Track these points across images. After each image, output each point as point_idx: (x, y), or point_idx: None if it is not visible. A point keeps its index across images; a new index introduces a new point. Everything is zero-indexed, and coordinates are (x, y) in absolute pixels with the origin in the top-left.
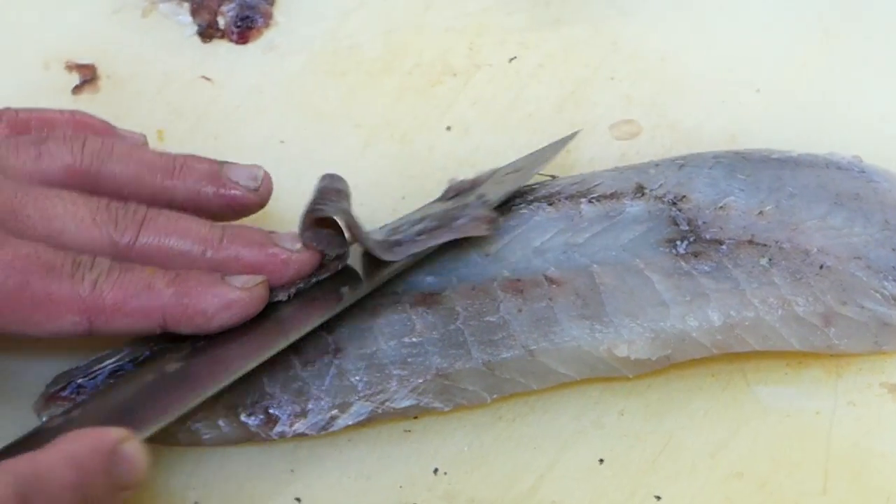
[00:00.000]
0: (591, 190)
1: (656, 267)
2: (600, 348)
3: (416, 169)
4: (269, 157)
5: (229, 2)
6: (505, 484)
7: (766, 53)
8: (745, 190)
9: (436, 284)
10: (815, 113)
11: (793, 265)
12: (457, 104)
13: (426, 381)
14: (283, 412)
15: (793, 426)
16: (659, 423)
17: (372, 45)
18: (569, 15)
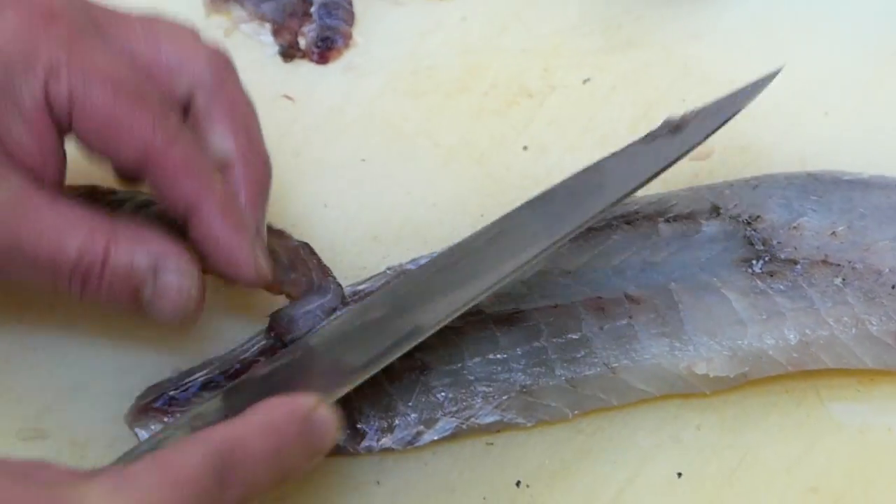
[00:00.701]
0: (668, 209)
1: (733, 286)
2: (680, 366)
3: (493, 187)
4: (350, 175)
5: (310, 23)
6: (585, 496)
7: (833, 77)
8: (817, 210)
9: (519, 302)
10: (882, 136)
11: (866, 285)
12: (533, 124)
13: (510, 397)
14: (371, 427)
15: (866, 442)
16: (735, 438)
17: (449, 66)
18: (641, 38)
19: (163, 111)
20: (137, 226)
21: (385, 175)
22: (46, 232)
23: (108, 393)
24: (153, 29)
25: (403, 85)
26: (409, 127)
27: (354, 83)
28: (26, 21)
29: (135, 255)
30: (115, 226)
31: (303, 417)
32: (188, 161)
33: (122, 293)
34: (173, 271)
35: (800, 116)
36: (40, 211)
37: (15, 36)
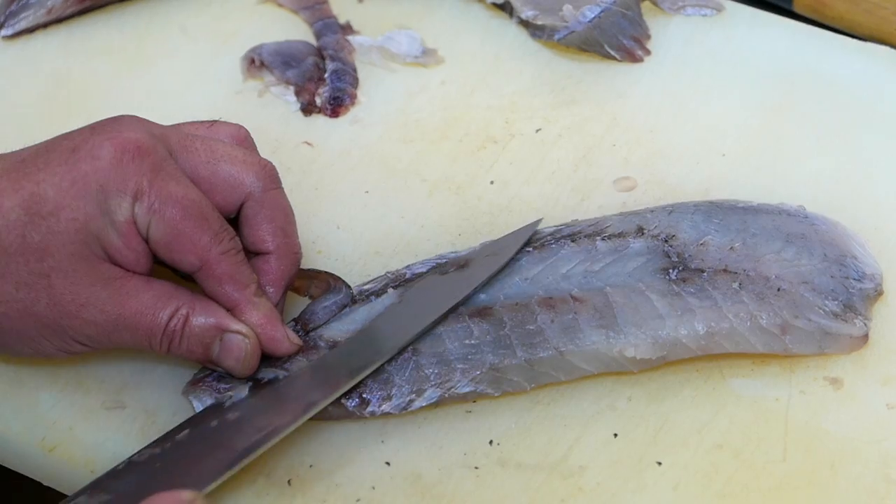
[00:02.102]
0: (604, 230)
1: (654, 289)
2: (613, 350)
3: (468, 213)
4: (356, 203)
5: (324, 86)
6: (544, 452)
7: (729, 127)
8: (719, 231)
9: (488, 300)
10: (767, 172)
11: (757, 288)
12: (497, 164)
13: (482, 373)
14: (374, 396)
15: (759, 409)
16: (658, 407)
17: (432, 119)
18: (580, 97)
19: (220, 230)
20: (213, 304)
21: (383, 203)
22: (144, 307)
23: (171, 373)
24: (215, 153)
25: (397, 133)
26: (401, 166)
27: (359, 132)
28: (119, 157)
29: (206, 322)
30: (194, 298)
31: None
32: (231, 273)
33: (197, 350)
34: (234, 333)
35: (703, 157)
36: (138, 293)
37: (113, 168)
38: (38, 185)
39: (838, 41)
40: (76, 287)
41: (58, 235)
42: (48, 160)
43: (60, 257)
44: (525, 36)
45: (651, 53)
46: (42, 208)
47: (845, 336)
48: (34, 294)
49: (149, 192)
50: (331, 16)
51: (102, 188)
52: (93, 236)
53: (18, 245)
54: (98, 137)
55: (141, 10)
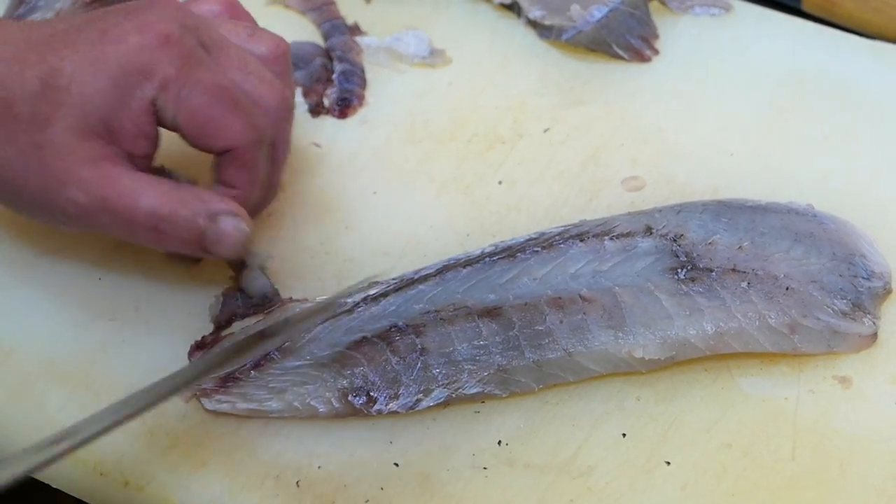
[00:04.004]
0: (612, 230)
1: (663, 289)
2: (622, 351)
3: (476, 213)
4: (365, 204)
5: (332, 87)
6: (552, 452)
7: (737, 126)
8: (727, 230)
9: (497, 300)
10: (776, 171)
11: (766, 287)
12: (505, 164)
13: (490, 374)
14: (381, 395)
15: (767, 409)
16: (666, 407)
17: (440, 120)
18: (588, 97)
19: (251, 119)
20: (197, 188)
21: (392, 204)
22: (125, 191)
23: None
24: (247, 65)
25: (405, 134)
26: (409, 166)
27: (367, 133)
28: (147, 43)
29: (195, 212)
30: (180, 189)
31: None
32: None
33: (189, 240)
34: (227, 216)
35: (712, 156)
36: (121, 178)
37: (136, 53)
38: (61, 61)
39: (847, 40)
40: (63, 163)
41: (61, 108)
42: (76, 38)
43: (58, 129)
44: (533, 36)
45: (659, 53)
46: (57, 81)
47: (854, 335)
48: (27, 164)
49: (175, 80)
50: (338, 17)
51: (122, 67)
52: (96, 109)
53: (28, 114)
54: (129, 23)
55: None
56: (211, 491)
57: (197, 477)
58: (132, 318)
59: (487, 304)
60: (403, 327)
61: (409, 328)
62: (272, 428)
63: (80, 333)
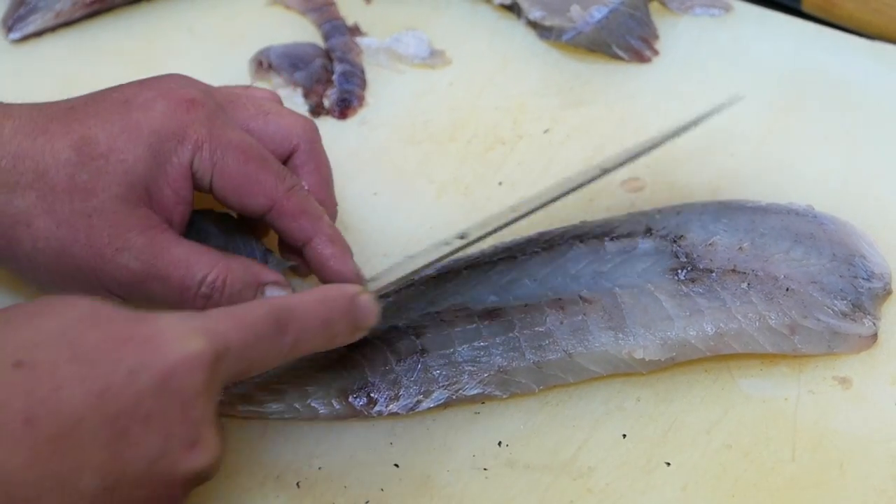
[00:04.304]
0: (612, 231)
1: (663, 290)
2: (622, 352)
3: (476, 215)
4: (365, 205)
5: (332, 87)
6: (552, 453)
7: (737, 127)
8: (727, 231)
9: (498, 301)
10: (776, 172)
11: (766, 288)
12: (505, 165)
13: (490, 375)
14: (381, 396)
15: (768, 409)
16: (667, 407)
17: (440, 121)
18: (588, 98)
19: (281, 170)
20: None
21: (392, 205)
22: (179, 260)
23: None
24: (262, 108)
25: (405, 135)
26: (409, 168)
27: (367, 134)
28: (174, 108)
29: (246, 283)
30: (227, 257)
31: (350, 297)
32: (303, 207)
33: None
34: (273, 287)
35: (712, 157)
36: (171, 246)
37: (167, 118)
38: (90, 129)
39: (847, 41)
40: (115, 230)
41: (105, 176)
42: (98, 108)
43: (104, 198)
44: (533, 37)
45: (659, 54)
46: (93, 150)
47: (854, 336)
48: (73, 234)
49: (209, 141)
50: (338, 17)
51: (156, 133)
52: (139, 178)
53: (66, 184)
54: (150, 92)
55: (149, 13)
56: (211, 492)
57: None
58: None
59: (488, 305)
60: (403, 328)
61: (409, 329)
62: (272, 428)
63: None
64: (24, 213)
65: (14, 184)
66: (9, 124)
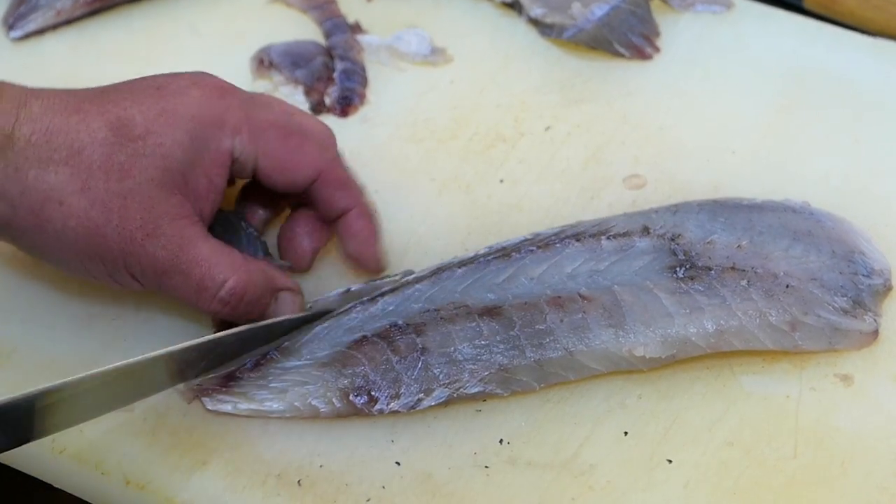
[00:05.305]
0: (608, 230)
1: (662, 287)
2: (623, 349)
3: (477, 212)
4: None
5: (333, 85)
6: (554, 451)
7: (739, 124)
8: (725, 229)
9: (496, 300)
10: (777, 168)
11: (766, 285)
12: (507, 163)
13: (491, 373)
14: (382, 394)
15: (769, 407)
16: (668, 405)
17: (441, 119)
18: (589, 95)
19: (323, 140)
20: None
21: (393, 203)
22: (202, 259)
23: None
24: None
25: (406, 133)
26: (410, 165)
27: (368, 132)
28: (208, 95)
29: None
30: (248, 263)
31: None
32: (346, 176)
33: (254, 312)
34: (287, 293)
35: (713, 154)
36: (199, 242)
37: (203, 105)
38: (126, 111)
39: (848, 38)
40: (148, 214)
41: (142, 159)
42: (132, 92)
43: (141, 180)
44: (534, 34)
45: (660, 51)
46: (131, 131)
47: (855, 332)
48: (107, 215)
49: (247, 124)
50: (340, 15)
51: (194, 119)
52: (177, 163)
53: (102, 162)
54: (182, 80)
55: (150, 11)
56: (212, 490)
57: (198, 476)
58: (133, 317)
59: (487, 303)
60: (403, 326)
61: (409, 327)
62: (274, 426)
63: (81, 333)
64: (57, 191)
65: (47, 159)
66: (37, 103)
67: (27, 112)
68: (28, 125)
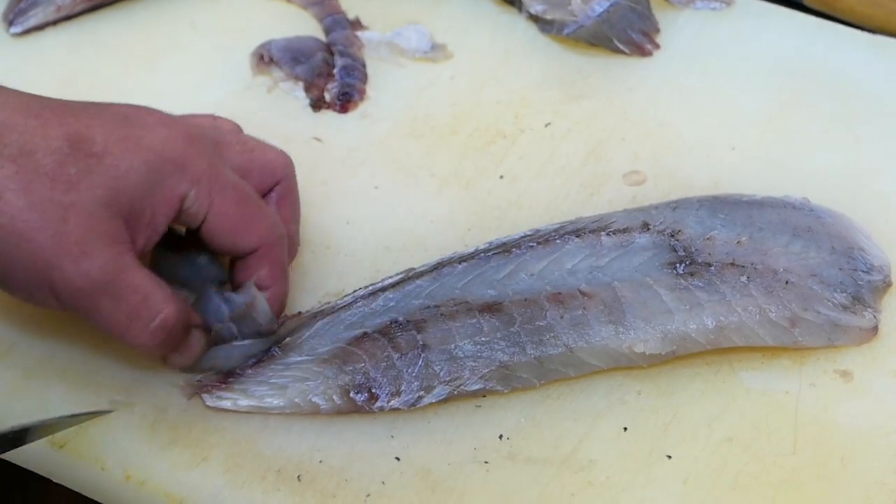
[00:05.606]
0: (608, 226)
1: (662, 283)
2: (623, 346)
3: (477, 208)
4: (366, 199)
5: (333, 81)
6: (553, 446)
7: (738, 120)
8: (725, 225)
9: (496, 296)
10: (777, 165)
11: (765, 281)
12: (507, 159)
13: (491, 370)
14: (383, 392)
15: (769, 402)
16: (668, 401)
17: (441, 114)
18: (590, 91)
19: (273, 215)
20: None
21: (393, 199)
22: (138, 286)
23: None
24: (246, 144)
25: (406, 129)
26: (411, 161)
27: (368, 128)
28: (175, 137)
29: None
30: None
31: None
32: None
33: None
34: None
35: (713, 150)
36: (134, 271)
37: (168, 144)
38: (87, 128)
39: (848, 34)
40: (87, 232)
41: (93, 176)
42: (98, 113)
43: (87, 196)
44: (534, 31)
45: (660, 47)
46: (88, 147)
47: (855, 328)
48: (43, 220)
49: (208, 179)
50: (340, 11)
51: (156, 153)
52: (127, 189)
53: (51, 169)
54: (149, 116)
55: (150, 7)
56: (212, 485)
57: (198, 471)
58: None
59: (487, 299)
60: (404, 322)
61: (409, 323)
62: (273, 422)
63: (80, 329)
64: None
65: None
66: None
67: None
68: None
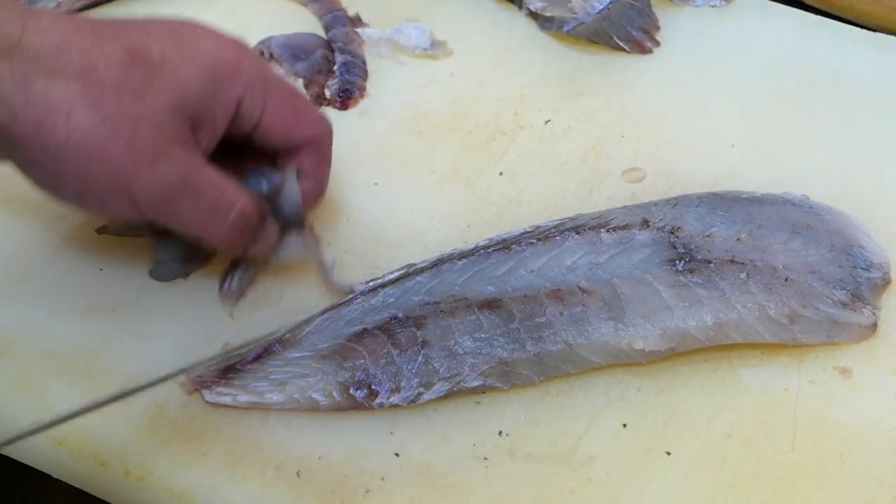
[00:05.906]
0: (608, 223)
1: (662, 280)
2: (622, 342)
3: (477, 204)
4: (366, 195)
5: (333, 78)
6: (552, 443)
7: (738, 117)
8: (724, 222)
9: (496, 293)
10: (776, 162)
11: (765, 278)
12: (507, 156)
13: (491, 367)
14: (383, 388)
15: (768, 399)
16: (667, 398)
17: (441, 111)
18: (589, 89)
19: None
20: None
21: (393, 195)
22: (214, 182)
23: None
24: None
25: (406, 126)
26: (410, 158)
27: (368, 125)
28: (225, 44)
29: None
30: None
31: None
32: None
33: (245, 237)
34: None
35: (712, 148)
36: (207, 168)
37: (221, 50)
38: (142, 41)
39: (848, 32)
40: (159, 137)
41: (156, 85)
42: (148, 29)
43: (154, 104)
44: (534, 28)
45: (660, 45)
46: (148, 58)
47: (854, 325)
48: (115, 133)
49: (259, 80)
50: (340, 8)
51: (211, 60)
52: (190, 95)
53: (116, 82)
54: (197, 28)
55: (150, 4)
56: (212, 481)
57: (198, 467)
58: (133, 308)
59: (487, 295)
60: (404, 319)
61: (409, 320)
62: (273, 418)
63: (80, 323)
64: (66, 102)
65: (58, 71)
66: (46, 17)
67: (36, 24)
68: (37, 36)
